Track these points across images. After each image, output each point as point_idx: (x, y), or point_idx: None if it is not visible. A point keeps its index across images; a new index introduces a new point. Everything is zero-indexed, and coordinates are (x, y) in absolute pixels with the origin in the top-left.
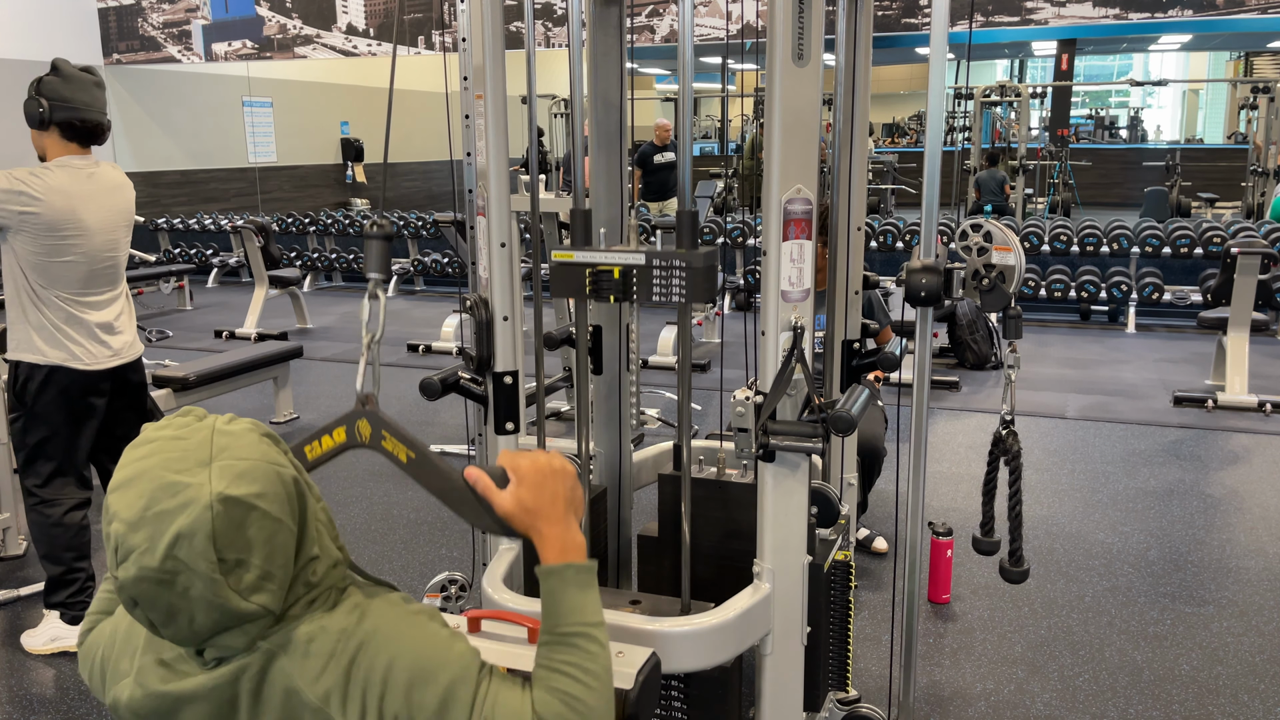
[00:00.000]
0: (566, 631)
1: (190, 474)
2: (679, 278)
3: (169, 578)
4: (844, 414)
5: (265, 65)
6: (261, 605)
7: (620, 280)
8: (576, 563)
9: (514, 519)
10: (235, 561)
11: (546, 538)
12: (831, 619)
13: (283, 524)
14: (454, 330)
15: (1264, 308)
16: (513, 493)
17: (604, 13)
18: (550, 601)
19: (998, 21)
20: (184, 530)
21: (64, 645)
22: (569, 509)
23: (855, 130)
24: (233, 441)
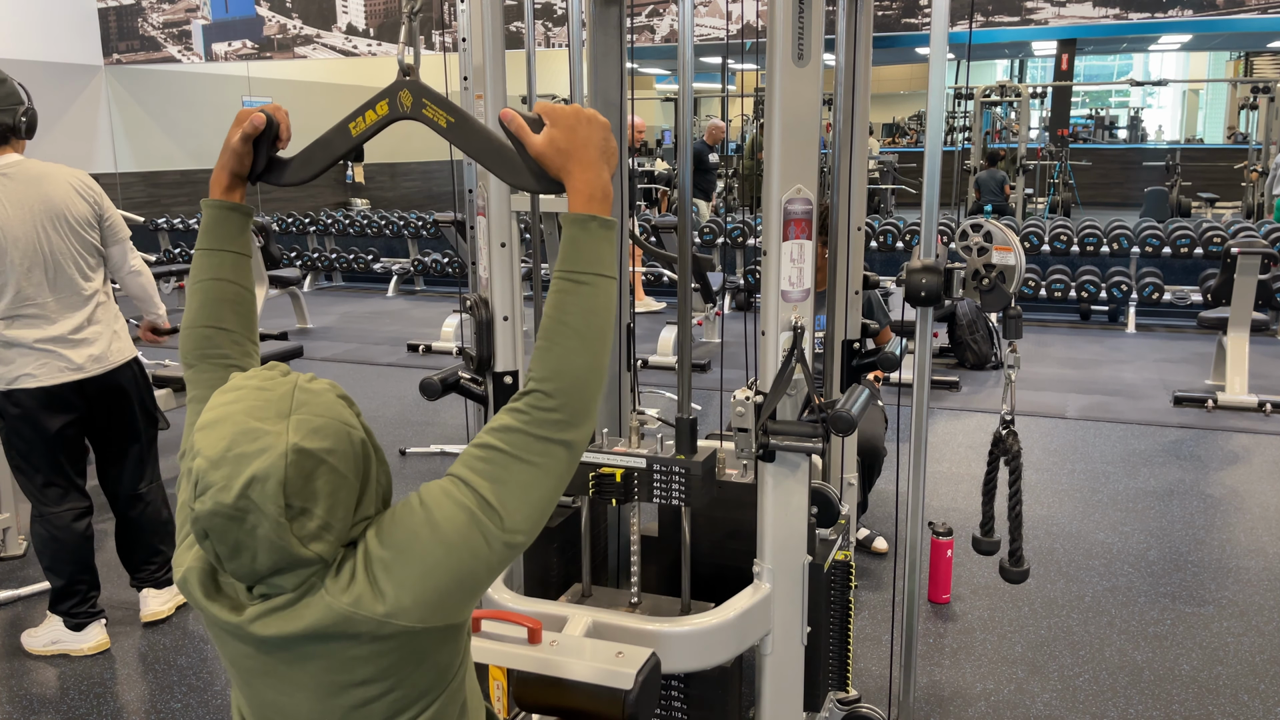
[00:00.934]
0: (580, 277)
1: (270, 423)
2: (679, 482)
3: (240, 515)
4: (844, 414)
5: (265, 65)
6: (318, 554)
7: (621, 483)
8: (602, 216)
9: (546, 158)
10: (300, 509)
11: (577, 181)
12: (831, 619)
13: (347, 480)
14: (454, 330)
15: (1264, 308)
16: (547, 133)
17: (604, 13)
18: (570, 247)
19: (998, 21)
20: (259, 473)
21: (64, 648)
22: (601, 156)
23: (855, 130)
24: (311, 399)
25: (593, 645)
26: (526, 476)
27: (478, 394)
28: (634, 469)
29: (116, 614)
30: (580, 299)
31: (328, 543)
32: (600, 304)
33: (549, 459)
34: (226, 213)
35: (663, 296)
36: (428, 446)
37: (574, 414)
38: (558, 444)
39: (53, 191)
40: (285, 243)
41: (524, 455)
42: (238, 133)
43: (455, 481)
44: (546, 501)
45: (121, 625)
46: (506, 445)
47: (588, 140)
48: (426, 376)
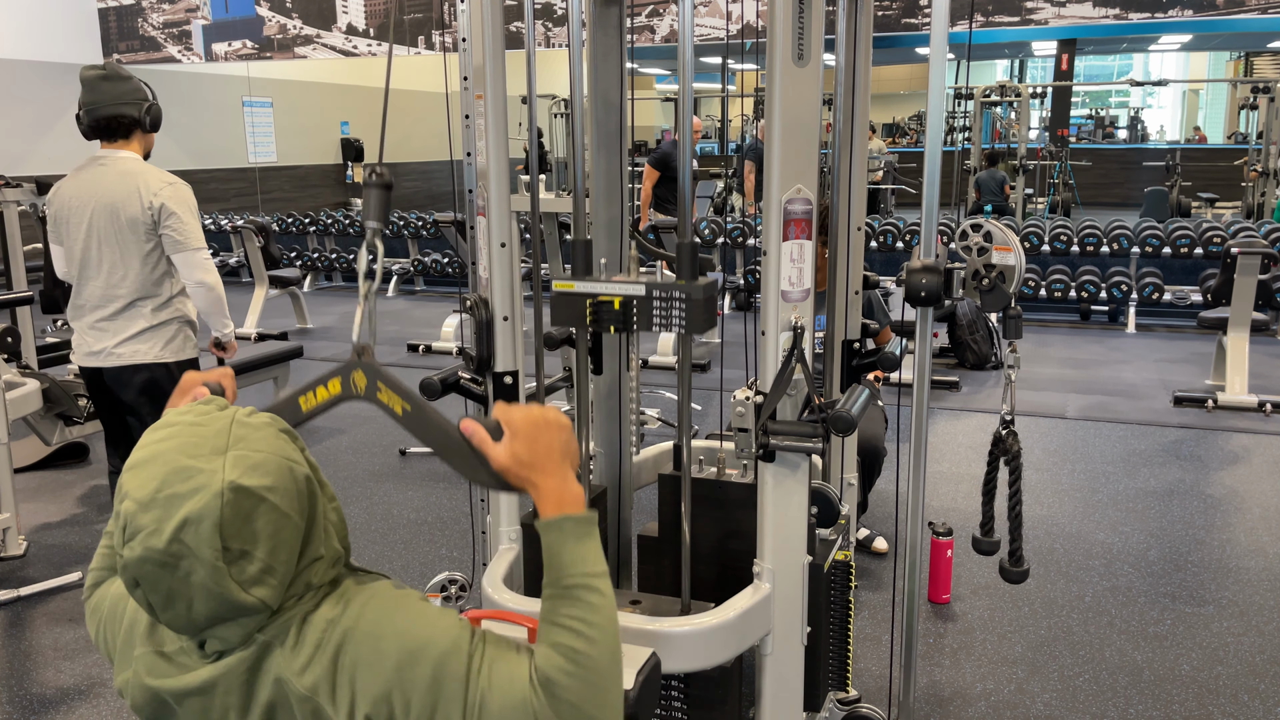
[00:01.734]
0: (568, 584)
1: (205, 460)
2: (678, 308)
3: (173, 561)
4: (844, 414)
5: (265, 65)
6: (260, 599)
7: (620, 311)
8: (574, 514)
9: (509, 473)
10: (240, 552)
11: (543, 490)
12: (831, 619)
13: (290, 519)
14: (454, 330)
15: (1264, 308)
16: (507, 446)
17: (604, 13)
18: (550, 555)
19: (998, 21)
20: (192, 515)
21: None
22: (564, 460)
23: (855, 130)
24: (250, 433)
25: None
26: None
27: (478, 394)
28: (633, 296)
29: None
30: (578, 608)
31: (270, 587)
32: (599, 604)
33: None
34: None
35: None
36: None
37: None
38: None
39: (119, 188)
40: (285, 243)
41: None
42: (182, 402)
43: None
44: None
45: None
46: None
47: (549, 448)
48: (426, 376)
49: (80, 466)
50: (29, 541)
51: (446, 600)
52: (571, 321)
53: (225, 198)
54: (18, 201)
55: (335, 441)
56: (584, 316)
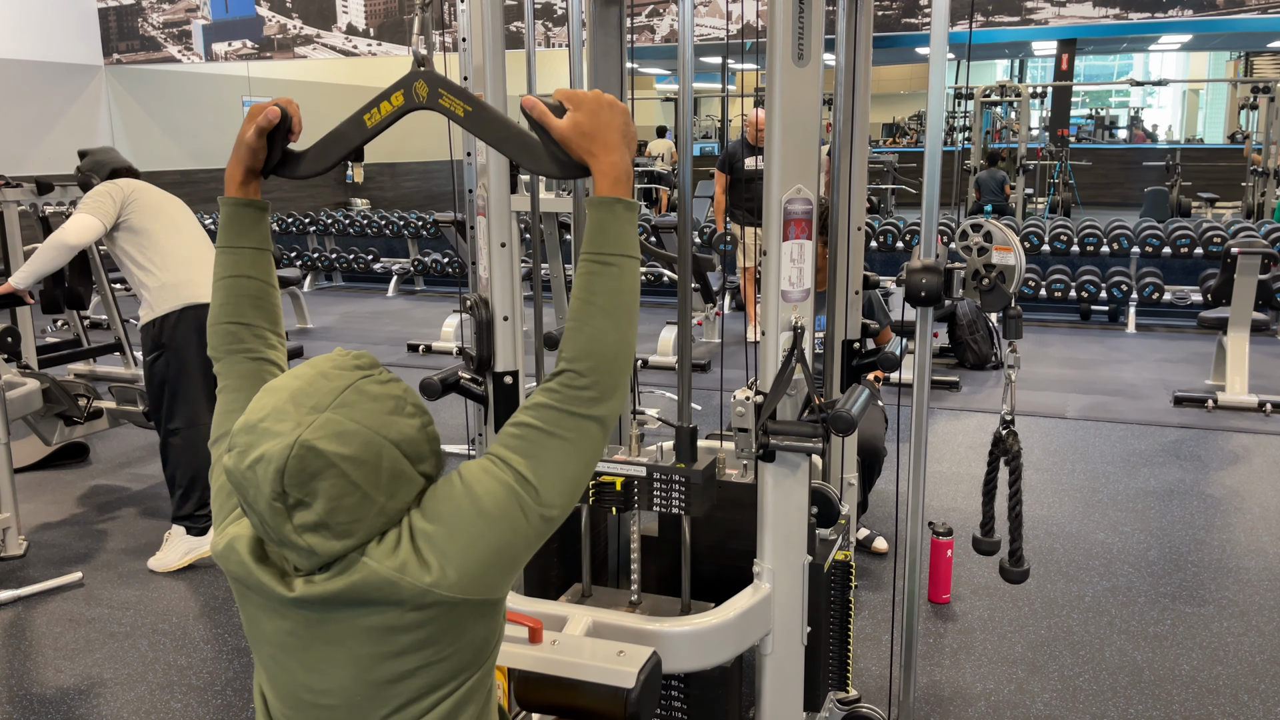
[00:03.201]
0: (607, 259)
1: (303, 412)
2: (679, 490)
3: (245, 483)
4: (844, 414)
5: (265, 65)
6: (309, 545)
7: (622, 492)
8: (626, 199)
9: (571, 142)
10: (296, 501)
11: (602, 164)
12: (831, 619)
13: (357, 490)
14: (454, 330)
15: (1264, 308)
16: (570, 118)
17: (604, 13)
18: (597, 229)
19: (998, 21)
20: (266, 454)
21: (198, 554)
22: (624, 139)
23: (855, 130)
24: (359, 401)
25: (593, 644)
26: (561, 452)
27: (478, 394)
28: (634, 477)
29: (111, 626)
30: (608, 280)
31: (324, 539)
32: (626, 284)
33: (581, 434)
34: (242, 209)
35: (663, 296)
36: None
37: (604, 390)
38: (590, 419)
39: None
40: (285, 243)
41: (558, 431)
42: (251, 127)
43: (493, 459)
44: (580, 476)
45: (115, 629)
46: (541, 422)
47: (610, 124)
48: (426, 376)
49: (80, 466)
50: (29, 541)
51: None
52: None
53: None
54: (18, 201)
55: None
56: (587, 496)
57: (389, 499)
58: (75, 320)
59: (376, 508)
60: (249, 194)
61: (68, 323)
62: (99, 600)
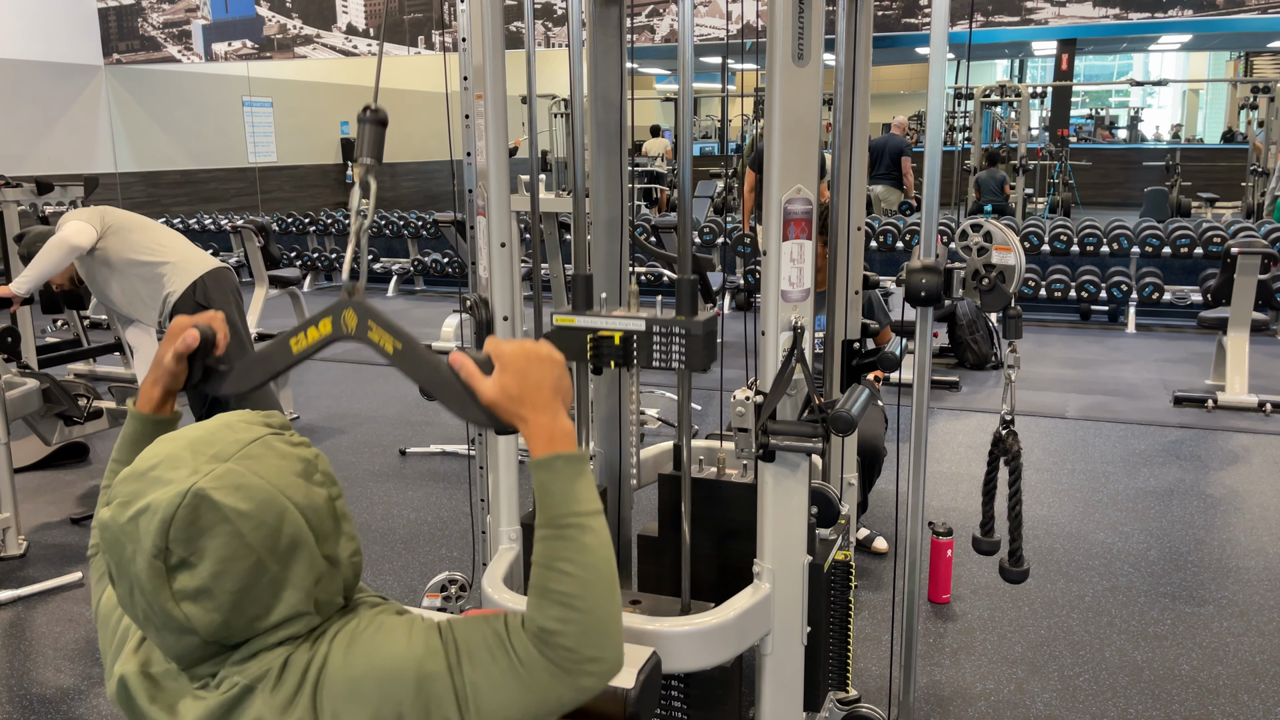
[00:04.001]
0: (562, 524)
1: (201, 460)
2: (679, 344)
3: (123, 539)
4: (844, 414)
5: (265, 65)
6: (188, 616)
7: (620, 346)
8: (565, 452)
9: (498, 407)
10: (180, 560)
11: (533, 427)
12: (831, 619)
13: (252, 554)
14: (454, 330)
15: (1264, 308)
16: (497, 380)
17: (604, 13)
18: (542, 494)
19: (998, 21)
20: (152, 504)
21: None
22: (555, 396)
23: (855, 130)
24: (265, 457)
25: None
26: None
27: None
28: (633, 331)
29: None
30: (569, 548)
31: (204, 610)
32: (591, 544)
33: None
34: (153, 427)
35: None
36: (427, 446)
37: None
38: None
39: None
40: (285, 243)
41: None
42: (169, 351)
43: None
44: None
45: None
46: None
47: (540, 383)
48: None
49: (80, 466)
50: (29, 541)
51: (446, 600)
52: (571, 355)
53: (225, 198)
54: (18, 201)
55: (335, 441)
56: (584, 351)
57: (283, 569)
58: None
59: (268, 578)
60: (164, 412)
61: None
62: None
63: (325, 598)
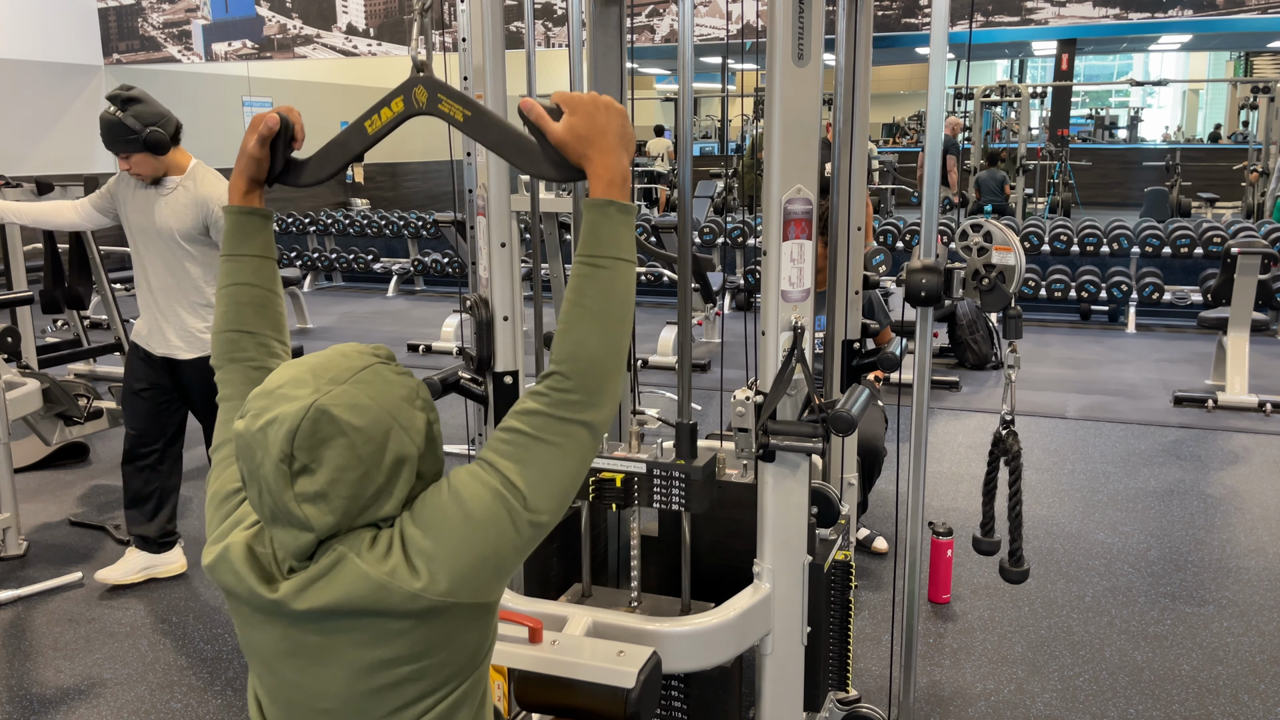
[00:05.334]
0: (598, 262)
1: (320, 382)
2: (679, 487)
3: (254, 446)
4: (844, 414)
5: (265, 65)
6: (307, 517)
7: (622, 488)
8: (621, 201)
9: (567, 146)
10: (303, 467)
11: (597, 167)
12: (831, 619)
13: (361, 465)
14: (454, 330)
15: (1264, 308)
16: (566, 121)
17: (604, 13)
18: (589, 232)
19: (998, 21)
20: (280, 416)
21: (153, 572)
22: (620, 141)
23: (855, 130)
24: (376, 382)
25: (593, 644)
26: (548, 457)
27: (478, 394)
28: (634, 474)
29: (111, 626)
30: (599, 282)
31: (321, 511)
32: (618, 287)
33: (569, 440)
34: (245, 217)
35: (663, 296)
36: None
37: (592, 394)
38: (578, 424)
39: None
40: (285, 243)
41: (545, 436)
42: (253, 137)
43: (482, 464)
44: (569, 481)
45: (115, 629)
46: (529, 427)
47: (606, 127)
48: (426, 376)
49: (80, 466)
50: (29, 541)
51: None
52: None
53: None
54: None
55: None
56: (587, 492)
57: (387, 482)
58: (75, 320)
59: (374, 488)
60: (252, 202)
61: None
62: (99, 600)
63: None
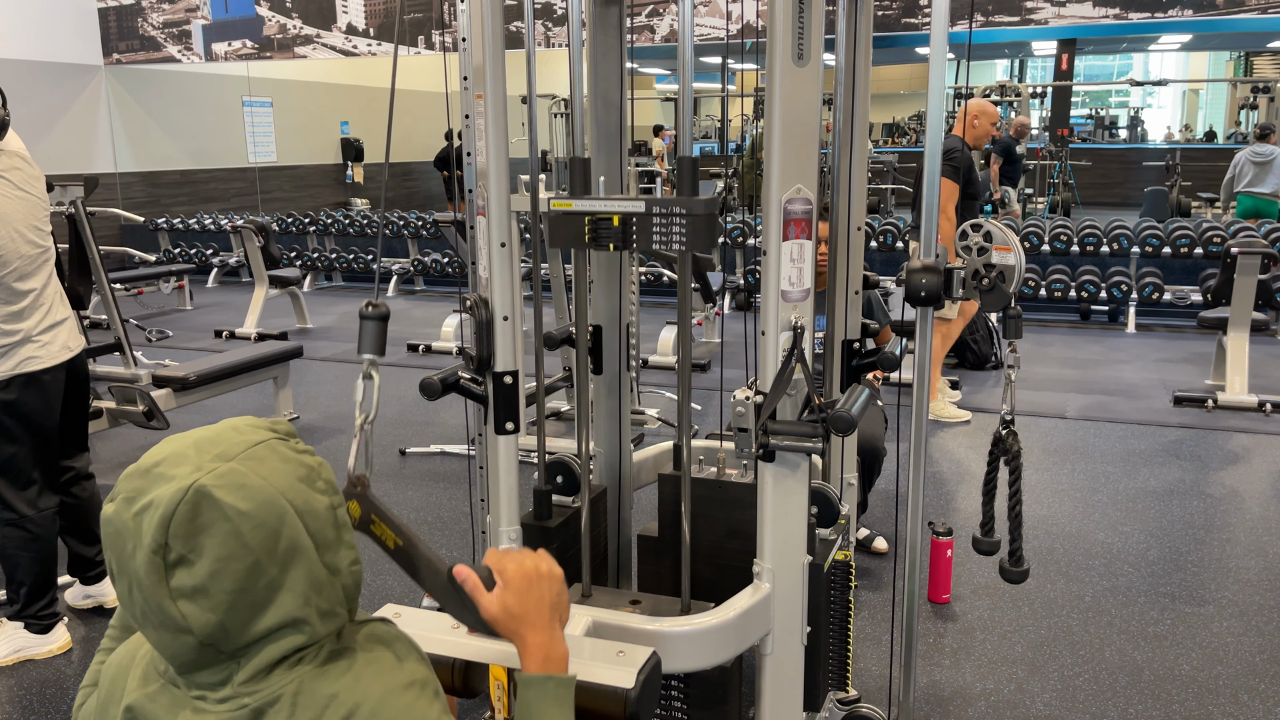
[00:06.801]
0: None
1: (204, 458)
2: (679, 225)
3: (125, 534)
4: (844, 414)
5: (265, 65)
6: (183, 615)
7: (620, 228)
8: (558, 675)
9: (498, 624)
10: (179, 557)
11: (530, 645)
12: (831, 619)
13: (250, 554)
14: (454, 330)
15: (1264, 308)
16: (498, 597)
17: (604, 13)
18: (525, 712)
19: (998, 21)
20: (155, 499)
21: (29, 654)
22: (554, 615)
23: (855, 130)
24: (269, 460)
25: (593, 644)
26: None
27: (478, 394)
28: (632, 213)
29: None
30: None
31: (201, 609)
32: None
33: None
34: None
35: (663, 296)
36: (427, 446)
37: None
38: None
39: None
40: (285, 243)
41: None
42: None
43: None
44: None
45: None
46: None
47: (540, 602)
48: (426, 376)
49: None
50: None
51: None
52: (570, 241)
53: (225, 198)
54: None
55: (335, 441)
56: (582, 235)
57: (281, 573)
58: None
59: (265, 580)
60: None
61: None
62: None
63: (326, 607)
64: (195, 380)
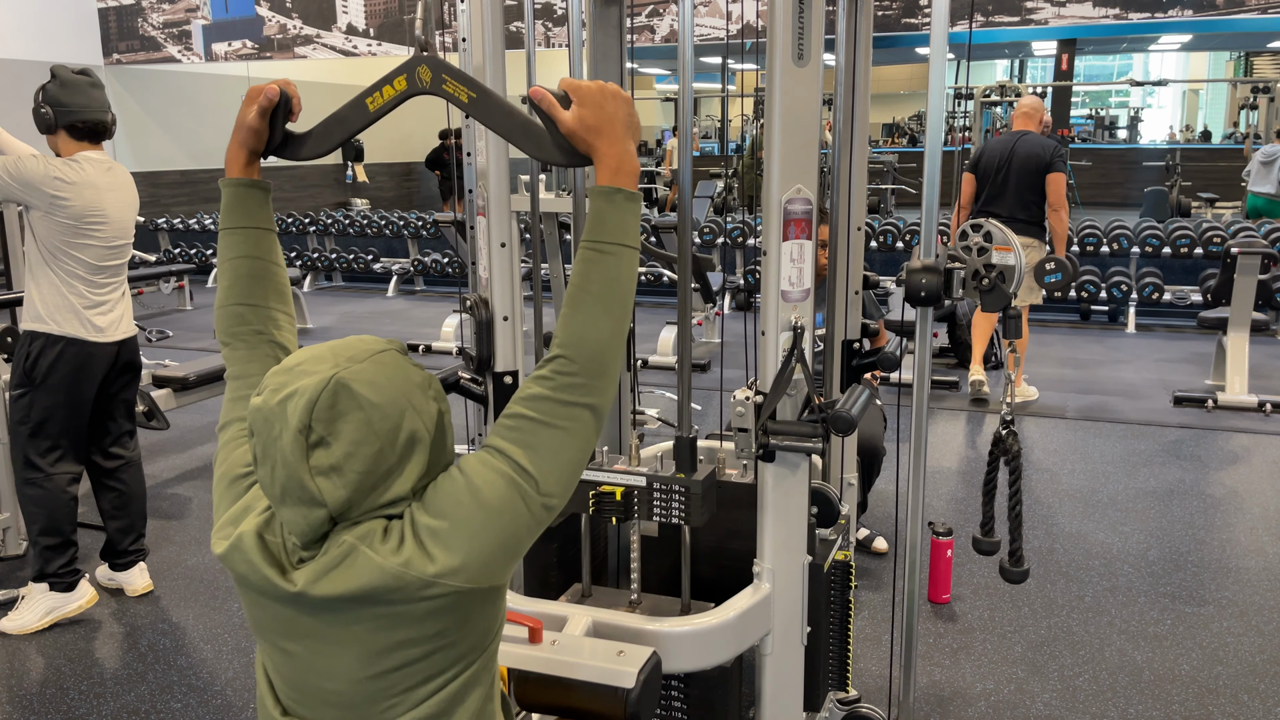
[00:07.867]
0: (604, 248)
1: (339, 359)
2: (679, 500)
3: (272, 419)
4: (844, 414)
5: (265, 65)
6: (320, 490)
7: (622, 501)
8: (627, 189)
9: (575, 136)
10: (320, 438)
11: (604, 156)
12: (831, 619)
13: (376, 440)
14: (454, 330)
15: (1264, 308)
16: (574, 111)
17: (604, 13)
18: (596, 219)
19: (998, 21)
20: (300, 389)
21: (61, 613)
22: (627, 130)
23: (855, 130)
24: (392, 366)
25: (593, 644)
26: (555, 441)
27: (478, 394)
28: (634, 488)
29: (111, 626)
30: (604, 268)
31: (335, 485)
32: (622, 273)
33: (575, 422)
34: (246, 190)
35: (663, 296)
36: None
37: (595, 378)
38: (582, 407)
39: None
40: (285, 243)
41: (551, 420)
42: (253, 108)
43: (491, 451)
44: (576, 463)
45: (115, 629)
46: (534, 412)
47: (614, 116)
48: None
49: None
50: (29, 542)
51: None
52: (574, 507)
53: None
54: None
55: None
56: (586, 505)
57: (400, 461)
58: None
59: (387, 465)
60: (251, 174)
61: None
62: (99, 600)
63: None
64: (195, 380)
